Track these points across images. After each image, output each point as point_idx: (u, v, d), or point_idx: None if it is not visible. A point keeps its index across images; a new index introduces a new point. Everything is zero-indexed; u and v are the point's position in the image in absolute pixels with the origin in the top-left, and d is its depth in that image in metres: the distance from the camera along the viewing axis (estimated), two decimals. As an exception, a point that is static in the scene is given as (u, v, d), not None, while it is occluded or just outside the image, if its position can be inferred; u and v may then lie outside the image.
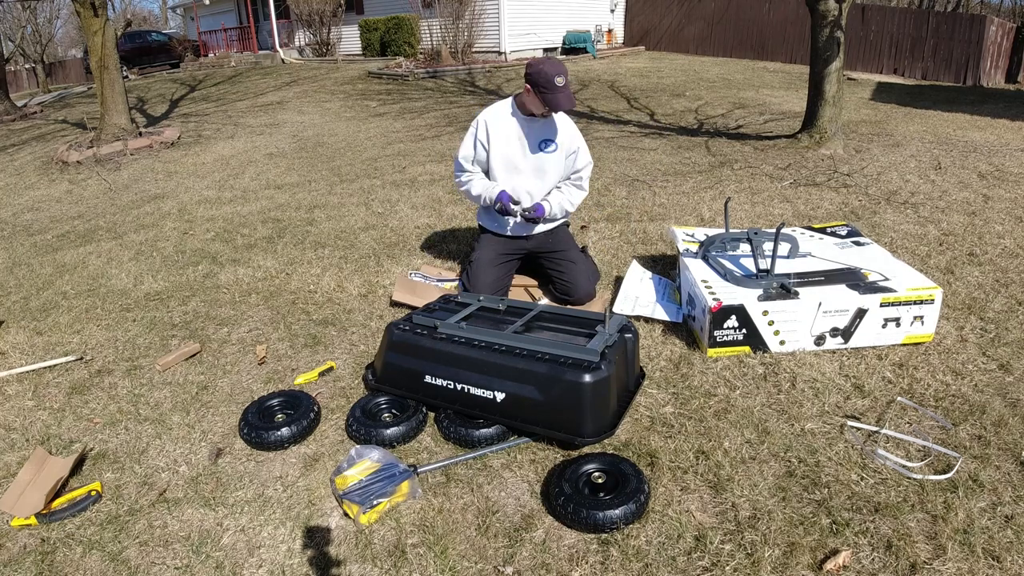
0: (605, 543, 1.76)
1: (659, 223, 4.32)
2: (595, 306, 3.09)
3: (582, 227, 4.26)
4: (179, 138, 8.83)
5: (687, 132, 7.51)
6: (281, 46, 19.05)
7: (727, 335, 2.60)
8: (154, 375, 2.79)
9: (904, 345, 2.66)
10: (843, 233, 3.27)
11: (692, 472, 2.01)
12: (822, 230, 3.34)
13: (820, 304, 2.56)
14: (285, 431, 2.21)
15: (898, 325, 2.62)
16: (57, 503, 2.01)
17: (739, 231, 3.11)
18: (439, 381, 2.27)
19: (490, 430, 2.15)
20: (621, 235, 4.12)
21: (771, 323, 2.59)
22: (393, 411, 2.34)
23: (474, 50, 15.01)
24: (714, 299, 2.57)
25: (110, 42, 8.31)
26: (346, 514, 1.90)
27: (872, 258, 2.92)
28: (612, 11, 17.75)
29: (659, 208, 4.66)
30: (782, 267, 2.82)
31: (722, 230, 3.22)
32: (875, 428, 2.17)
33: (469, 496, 1.96)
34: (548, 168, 3.08)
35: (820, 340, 2.63)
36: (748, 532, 1.78)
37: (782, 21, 14.96)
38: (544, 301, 3.21)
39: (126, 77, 15.10)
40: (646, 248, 3.89)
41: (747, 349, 2.63)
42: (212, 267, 4.00)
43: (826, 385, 2.42)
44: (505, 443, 2.16)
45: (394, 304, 3.26)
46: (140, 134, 8.66)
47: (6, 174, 8.11)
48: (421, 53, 15.75)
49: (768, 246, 2.88)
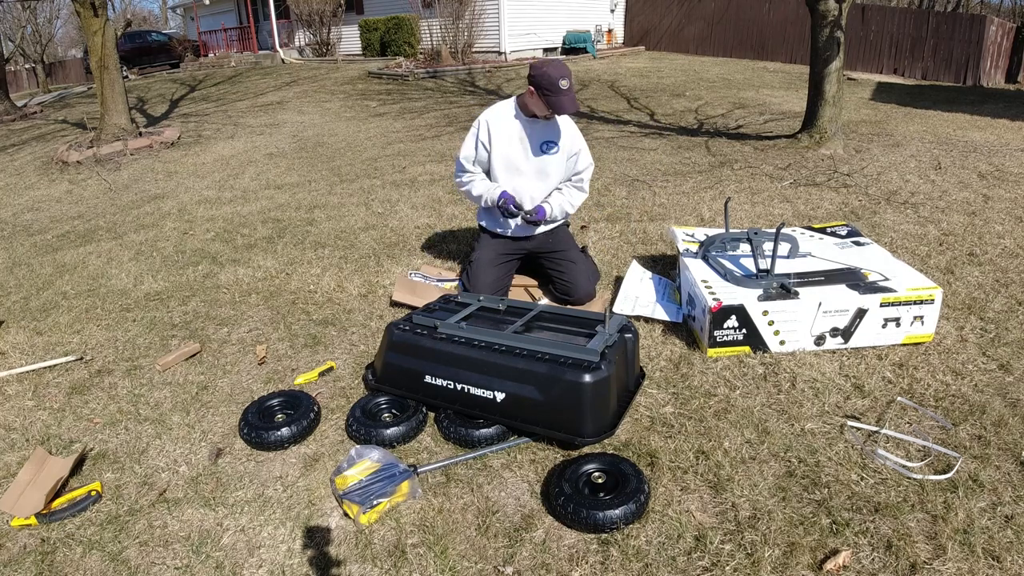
0: (605, 543, 1.76)
1: (659, 223, 4.32)
2: (595, 306, 3.09)
3: (582, 227, 4.27)
4: (179, 138, 8.83)
5: (687, 132, 7.51)
6: (281, 46, 19.05)
7: (727, 335, 2.60)
8: (154, 375, 2.79)
9: (904, 345, 2.66)
10: (843, 233, 3.27)
11: (692, 472, 2.01)
12: (822, 230, 3.34)
13: (820, 304, 2.56)
14: (285, 431, 2.21)
15: (898, 325, 2.62)
16: (57, 503, 2.01)
17: (739, 231, 3.11)
18: (439, 381, 2.27)
19: (490, 430, 2.15)
20: (621, 235, 4.12)
21: (771, 323, 2.59)
22: (393, 411, 2.34)
23: (474, 50, 15.01)
24: (714, 299, 2.57)
25: (110, 42, 8.31)
26: (346, 514, 1.90)
27: (872, 258, 2.92)
28: (612, 11, 17.75)
29: (659, 208, 4.66)
30: (782, 267, 2.82)
31: (722, 230, 3.22)
32: (875, 428, 2.17)
33: (469, 496, 1.96)
34: (549, 170, 3.08)
35: (820, 340, 2.63)
36: (748, 532, 1.78)
37: (782, 21, 14.97)
38: (544, 301, 3.21)
39: (126, 77, 15.10)
40: (646, 248, 3.89)
41: (747, 349, 2.63)
42: (212, 267, 4.01)
43: (826, 385, 2.42)
44: (505, 443, 2.16)
45: (394, 304, 3.26)
46: (140, 134, 8.67)
47: (6, 174, 8.11)
48: (421, 53, 15.76)
49: (768, 246, 2.88)
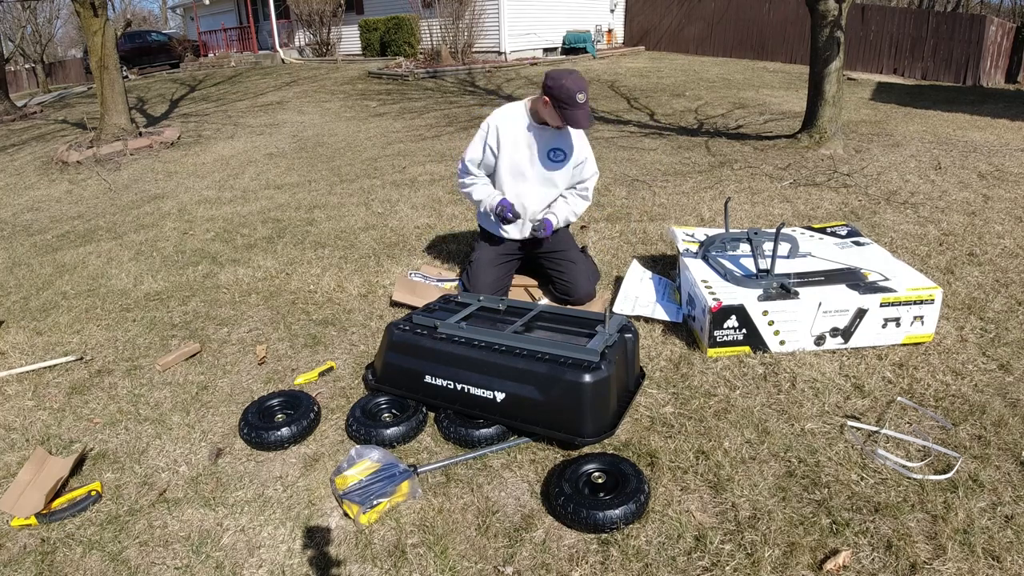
0: (605, 543, 1.76)
1: (659, 223, 4.32)
2: (595, 306, 3.09)
3: (582, 227, 4.26)
4: (179, 138, 8.83)
5: (687, 132, 7.51)
6: (281, 46, 19.06)
7: (727, 335, 2.60)
8: (154, 375, 2.79)
9: (904, 345, 2.66)
10: (843, 233, 3.27)
11: (692, 472, 2.01)
12: (822, 230, 3.34)
13: (820, 304, 2.56)
14: (285, 431, 2.21)
15: (898, 325, 2.62)
16: (57, 503, 2.01)
17: (739, 231, 3.11)
18: (439, 381, 2.27)
19: (490, 430, 2.15)
20: (621, 235, 4.12)
21: (771, 323, 2.59)
22: (393, 411, 2.34)
23: (474, 50, 15.02)
24: (714, 299, 2.57)
25: (110, 42, 8.31)
26: (346, 514, 1.90)
27: (872, 258, 2.92)
28: (612, 11, 17.75)
29: (659, 208, 4.66)
30: (782, 267, 2.82)
31: (722, 230, 3.22)
32: (875, 428, 2.17)
33: (469, 496, 1.96)
34: (555, 178, 3.07)
35: (820, 340, 2.63)
36: (748, 532, 1.78)
37: (782, 21, 14.97)
38: (544, 301, 3.21)
39: (126, 77, 15.10)
40: (646, 248, 3.89)
41: (747, 349, 2.63)
42: (212, 267, 4.01)
43: (826, 385, 2.42)
44: (505, 443, 2.16)
45: (394, 304, 3.26)
46: (140, 134, 8.67)
47: (6, 174, 8.11)
48: (421, 53, 15.76)
49: (768, 246, 2.88)
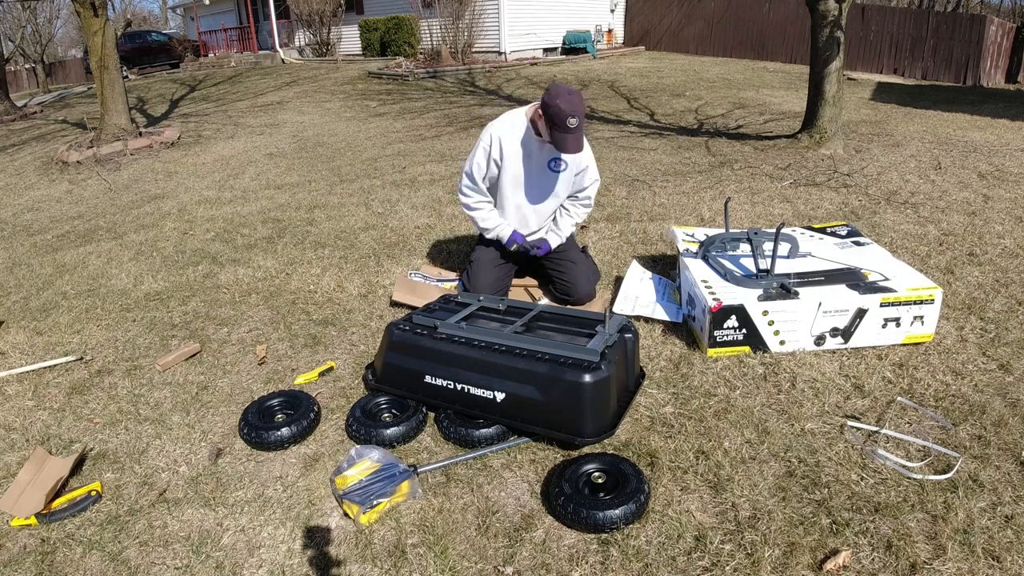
0: (605, 543, 1.76)
1: (659, 223, 4.32)
2: (595, 306, 3.09)
3: (582, 227, 4.26)
4: (179, 138, 8.84)
5: (687, 132, 7.51)
6: (281, 46, 19.06)
7: (727, 335, 2.60)
8: (154, 375, 2.79)
9: (904, 345, 2.66)
10: (843, 233, 3.27)
11: (692, 472, 2.01)
12: (822, 230, 3.34)
13: (820, 304, 2.56)
14: (285, 431, 2.21)
15: (898, 325, 2.62)
16: (57, 503, 2.01)
17: (739, 231, 3.11)
18: (439, 381, 2.27)
19: (490, 430, 2.15)
20: (621, 235, 4.13)
21: (771, 323, 2.59)
22: (393, 411, 2.34)
23: (474, 50, 15.02)
24: (714, 299, 2.57)
25: (110, 42, 8.31)
26: (346, 514, 1.90)
27: (872, 258, 2.92)
28: (612, 11, 17.76)
29: (659, 208, 4.66)
30: (782, 267, 2.82)
31: (722, 230, 3.22)
32: (875, 428, 2.17)
33: (469, 496, 1.96)
34: (557, 188, 3.05)
35: (820, 340, 2.63)
36: (748, 532, 1.78)
37: (782, 21, 14.97)
38: (544, 301, 3.21)
39: (126, 77, 15.11)
40: (646, 248, 3.89)
41: (747, 349, 2.63)
42: (212, 267, 4.01)
43: (826, 385, 2.42)
44: (505, 443, 2.16)
45: (394, 304, 3.26)
46: (140, 134, 8.67)
47: (6, 174, 8.12)
48: (421, 53, 15.76)
49: (768, 246, 2.88)
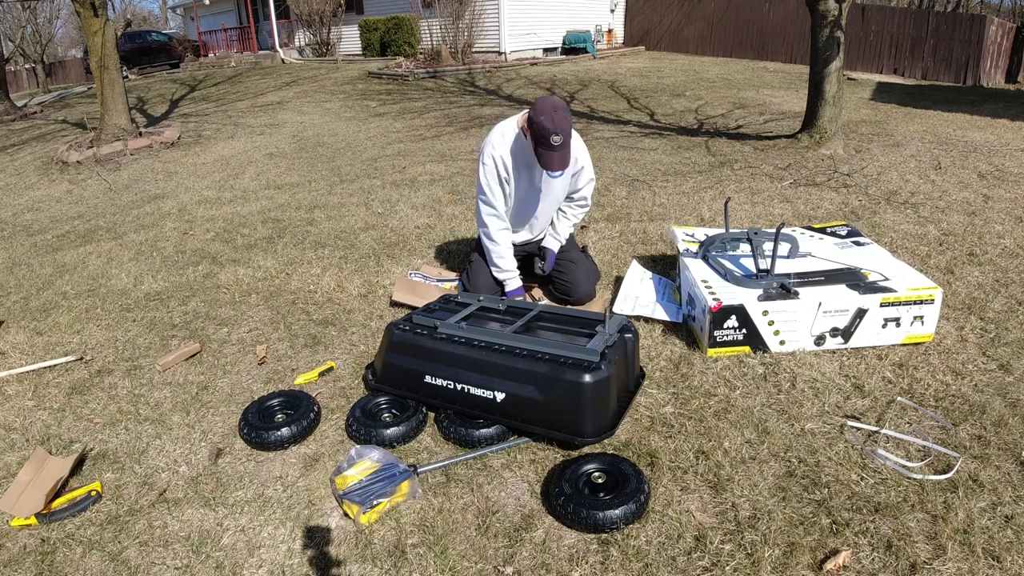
0: (605, 543, 1.76)
1: (659, 223, 4.32)
2: (595, 306, 3.09)
3: (582, 227, 4.26)
4: (179, 138, 8.84)
5: (687, 132, 7.51)
6: (281, 46, 19.06)
7: (727, 335, 2.60)
8: (154, 375, 2.79)
9: (904, 345, 2.66)
10: (843, 233, 3.27)
11: (692, 472, 2.01)
12: (822, 230, 3.34)
13: (820, 304, 2.56)
14: (285, 431, 2.21)
15: (898, 325, 2.62)
16: (57, 503, 2.01)
17: (739, 231, 3.11)
18: (439, 381, 2.27)
19: (490, 430, 2.15)
20: (621, 235, 4.12)
21: (771, 323, 2.59)
22: (393, 411, 2.34)
23: (474, 50, 15.02)
24: (714, 299, 2.57)
25: (110, 42, 8.31)
26: (346, 514, 1.90)
27: (872, 258, 2.92)
28: (612, 11, 17.76)
29: (659, 208, 4.66)
30: (782, 267, 2.82)
31: (722, 230, 3.22)
32: (875, 428, 2.17)
33: (469, 496, 1.96)
34: (555, 191, 3.04)
35: (820, 340, 2.63)
36: (748, 532, 1.78)
37: (782, 21, 14.97)
38: (544, 301, 3.22)
39: (126, 77, 15.11)
40: (646, 248, 3.89)
41: (747, 349, 2.63)
42: (212, 267, 4.01)
43: (826, 385, 2.42)
44: (505, 443, 2.16)
45: (394, 304, 3.26)
46: (140, 134, 8.67)
47: (6, 174, 8.12)
48: (421, 53, 15.76)
49: (768, 246, 2.88)
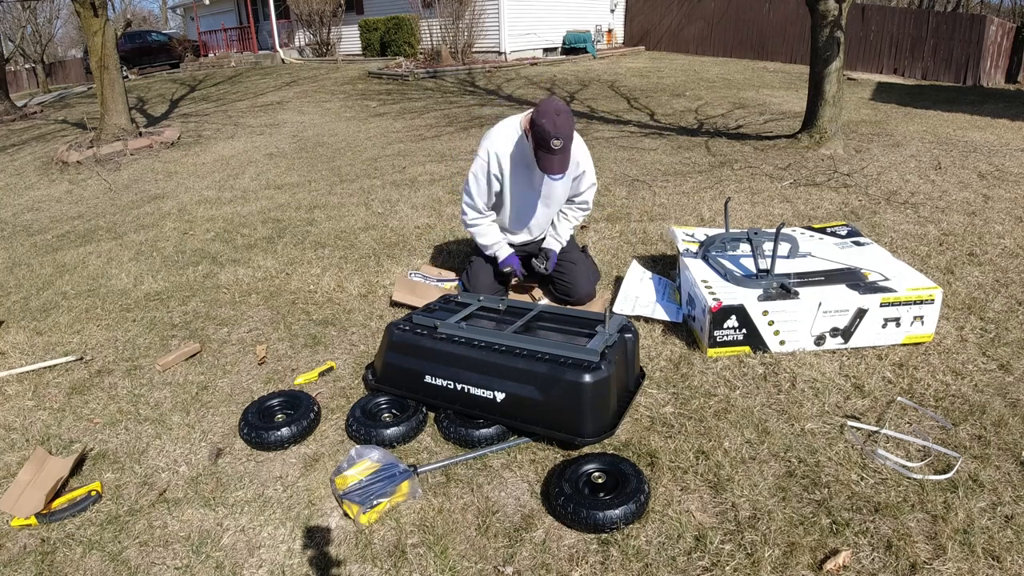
0: (605, 543, 1.76)
1: (659, 223, 4.32)
2: (595, 306, 3.09)
3: (582, 227, 4.26)
4: (179, 138, 8.84)
5: (687, 132, 7.51)
6: (281, 46, 19.06)
7: (727, 335, 2.60)
8: (154, 375, 2.79)
9: (904, 345, 2.66)
10: (843, 233, 3.27)
11: (692, 472, 2.01)
12: (822, 230, 3.34)
13: (820, 304, 2.56)
14: (285, 431, 2.21)
15: (898, 325, 2.62)
16: (57, 503, 2.01)
17: (739, 231, 3.11)
18: (439, 381, 2.27)
19: (490, 430, 2.15)
20: (621, 235, 4.12)
21: (771, 323, 2.59)
22: (393, 411, 2.34)
23: (474, 50, 15.02)
24: (714, 299, 2.57)
25: (110, 42, 8.31)
26: (346, 514, 1.90)
27: (872, 258, 2.92)
28: (612, 11, 17.75)
29: (659, 208, 4.66)
30: (782, 267, 2.82)
31: (722, 230, 3.22)
32: (875, 428, 2.17)
33: (469, 496, 1.96)
34: (556, 194, 3.04)
35: (820, 340, 2.63)
36: (748, 532, 1.78)
37: (782, 21, 14.97)
38: (544, 301, 3.21)
39: (126, 77, 15.11)
40: (646, 248, 3.89)
41: (747, 349, 2.63)
42: (212, 267, 4.01)
43: (826, 385, 2.42)
44: (505, 443, 2.16)
45: (394, 304, 3.26)
46: (140, 134, 8.67)
47: (6, 174, 8.12)
48: (421, 53, 15.76)
49: (768, 246, 2.88)
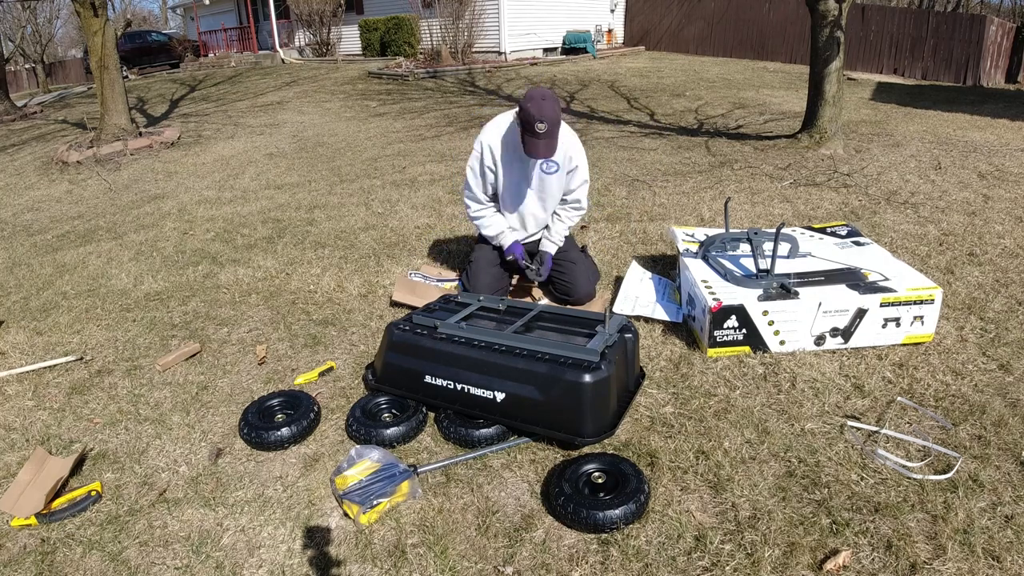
0: (605, 543, 1.76)
1: (659, 223, 4.32)
2: (595, 306, 3.09)
3: (582, 227, 4.27)
4: (179, 138, 8.84)
5: (687, 132, 7.51)
6: (281, 46, 19.06)
7: (727, 335, 2.60)
8: (154, 375, 2.79)
9: (904, 345, 2.66)
10: (843, 233, 3.27)
11: (692, 472, 2.01)
12: (822, 230, 3.34)
13: (820, 304, 2.56)
14: (285, 431, 2.21)
15: (898, 325, 2.62)
16: (57, 503, 2.01)
17: (739, 231, 3.11)
18: (439, 381, 2.27)
19: (490, 430, 2.15)
20: (621, 235, 4.12)
21: (771, 323, 2.59)
22: (393, 411, 2.34)
23: (474, 50, 15.02)
24: (714, 299, 2.57)
25: (110, 42, 8.31)
26: (346, 514, 1.90)
27: (872, 258, 2.92)
28: (612, 11, 17.75)
29: (659, 208, 4.66)
30: (782, 267, 2.82)
31: (722, 230, 3.22)
32: (875, 428, 2.17)
33: (469, 496, 1.96)
34: (551, 189, 3.04)
35: (820, 340, 2.63)
36: (748, 532, 1.78)
37: (782, 21, 14.97)
38: (544, 301, 3.21)
39: (126, 77, 15.10)
40: (646, 248, 3.89)
41: (747, 349, 2.63)
42: (212, 267, 4.01)
43: (826, 385, 2.42)
44: (505, 443, 2.16)
45: (394, 304, 3.26)
46: (140, 134, 8.67)
47: (6, 174, 8.11)
48: (421, 53, 15.76)
49: (768, 246, 2.88)
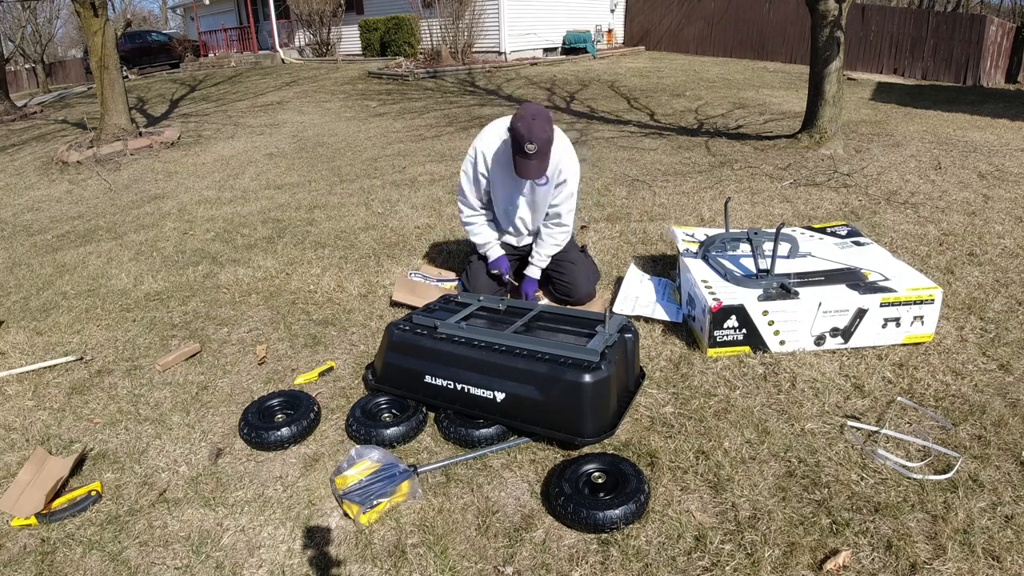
0: (605, 543, 1.76)
1: (659, 223, 4.32)
2: (595, 306, 3.09)
3: (582, 227, 4.27)
4: (179, 138, 8.84)
5: (687, 132, 7.51)
6: (281, 46, 19.06)
7: (727, 335, 2.60)
8: (154, 375, 2.79)
9: (904, 345, 2.66)
10: (843, 233, 3.27)
11: (692, 472, 2.01)
12: (822, 230, 3.34)
13: (820, 304, 2.56)
14: (285, 431, 2.21)
15: (898, 325, 2.62)
16: (57, 503, 2.01)
17: (739, 231, 3.11)
18: (439, 381, 2.27)
19: (490, 430, 2.15)
20: (621, 235, 4.12)
21: (771, 323, 2.59)
22: (393, 411, 2.34)
23: (474, 50, 15.02)
24: (714, 299, 2.57)
25: (110, 42, 8.31)
26: (346, 514, 1.90)
27: (872, 258, 2.92)
28: (612, 11, 17.75)
29: (659, 208, 4.66)
30: (782, 267, 2.82)
31: (722, 230, 3.22)
32: (875, 428, 2.17)
33: (469, 496, 1.96)
34: (541, 200, 3.02)
35: (820, 340, 2.63)
36: (748, 532, 1.78)
37: (782, 21, 14.97)
38: (544, 301, 3.21)
39: (126, 77, 15.11)
40: (646, 248, 3.89)
41: (747, 349, 2.63)
42: (212, 267, 4.01)
43: (826, 385, 2.42)
44: (505, 443, 2.16)
45: (394, 304, 3.26)
46: (140, 134, 8.67)
47: (6, 174, 8.11)
48: (421, 53, 15.76)
49: (768, 246, 2.88)
